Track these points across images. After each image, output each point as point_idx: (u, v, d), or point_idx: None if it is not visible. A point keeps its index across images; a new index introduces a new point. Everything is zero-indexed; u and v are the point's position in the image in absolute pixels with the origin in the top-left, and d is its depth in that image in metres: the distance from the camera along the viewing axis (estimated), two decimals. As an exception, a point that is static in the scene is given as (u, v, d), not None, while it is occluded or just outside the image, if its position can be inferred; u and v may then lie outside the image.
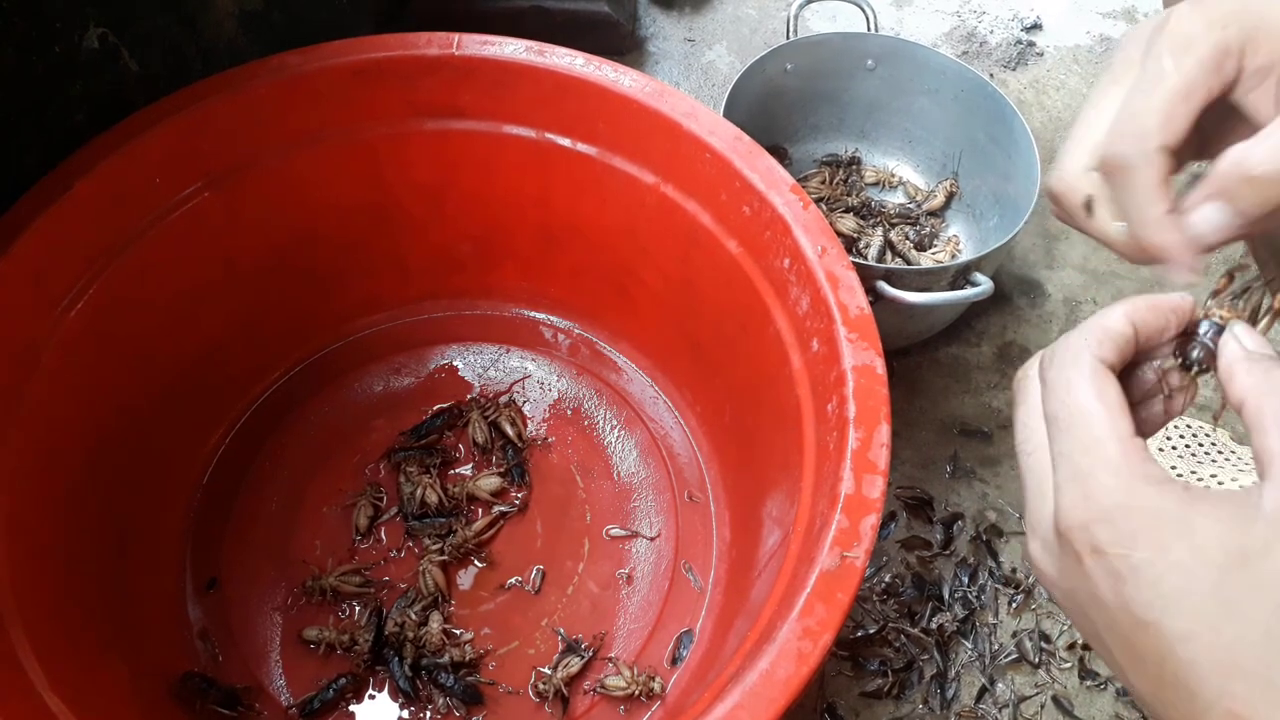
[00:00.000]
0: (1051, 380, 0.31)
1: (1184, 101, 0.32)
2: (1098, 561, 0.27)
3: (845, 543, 0.47)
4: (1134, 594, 0.26)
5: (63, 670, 0.51)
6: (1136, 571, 0.26)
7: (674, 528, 0.74)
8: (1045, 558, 0.30)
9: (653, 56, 1.12)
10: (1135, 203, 0.33)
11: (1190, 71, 0.32)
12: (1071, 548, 0.28)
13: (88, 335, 0.62)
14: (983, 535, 0.78)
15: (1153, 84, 0.32)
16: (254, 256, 0.73)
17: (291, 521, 0.73)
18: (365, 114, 0.70)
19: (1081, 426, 0.29)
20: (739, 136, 0.64)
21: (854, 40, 0.92)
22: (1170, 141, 0.32)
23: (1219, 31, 0.31)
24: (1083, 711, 0.70)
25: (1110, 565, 0.27)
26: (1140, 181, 0.33)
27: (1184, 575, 0.26)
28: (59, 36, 0.60)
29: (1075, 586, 0.29)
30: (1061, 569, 0.29)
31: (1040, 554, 0.30)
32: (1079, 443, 0.29)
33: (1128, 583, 0.27)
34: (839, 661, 0.71)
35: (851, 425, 0.52)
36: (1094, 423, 0.29)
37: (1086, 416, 0.29)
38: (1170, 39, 0.32)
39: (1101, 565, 0.27)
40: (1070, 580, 0.29)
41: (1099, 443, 0.28)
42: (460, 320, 0.84)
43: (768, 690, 0.43)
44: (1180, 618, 0.25)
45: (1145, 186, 0.33)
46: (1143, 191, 0.33)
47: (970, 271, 0.75)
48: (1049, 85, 1.12)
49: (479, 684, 0.66)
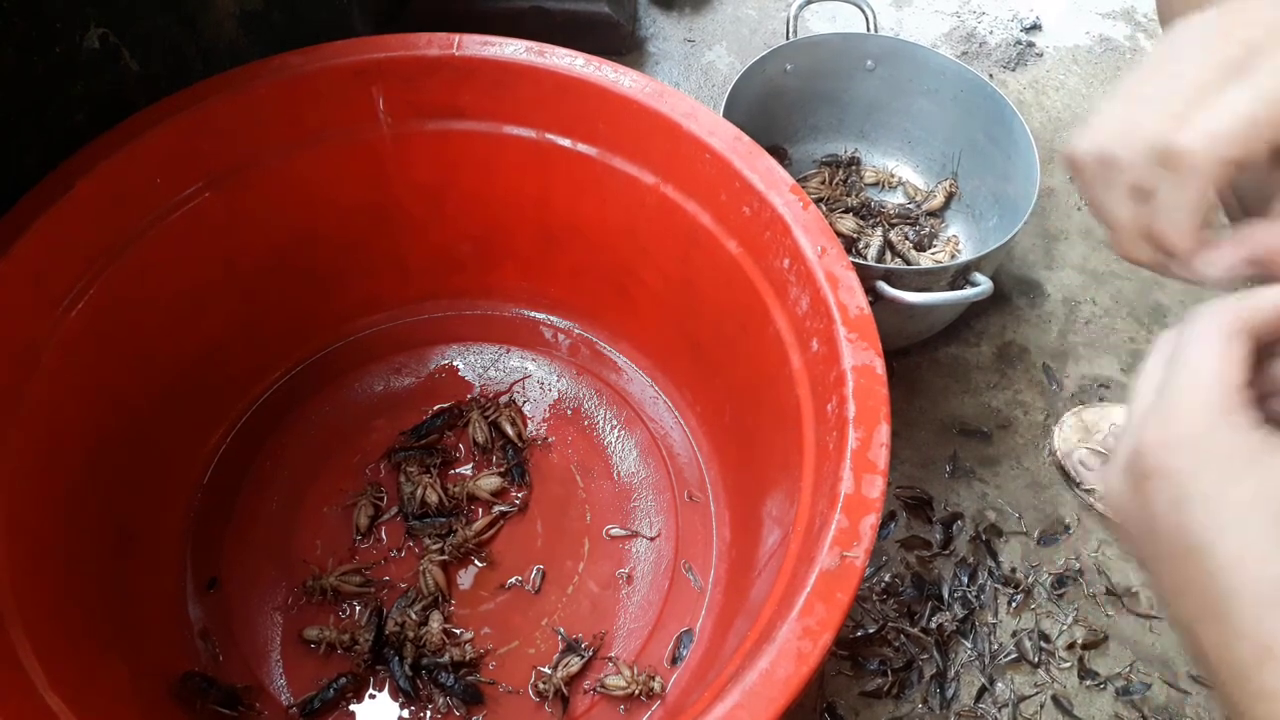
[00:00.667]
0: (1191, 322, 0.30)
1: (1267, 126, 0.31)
2: (1162, 482, 0.28)
3: (845, 542, 0.48)
4: (1193, 517, 0.27)
5: (63, 670, 0.51)
6: (1201, 496, 0.27)
7: (674, 527, 0.74)
8: (1118, 477, 0.30)
9: (653, 57, 1.12)
10: (1182, 202, 0.32)
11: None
12: (1142, 465, 0.29)
13: (88, 335, 0.62)
14: (982, 535, 0.78)
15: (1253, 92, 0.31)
16: (254, 256, 0.73)
17: (292, 521, 0.73)
18: (366, 114, 0.70)
19: (1195, 362, 0.29)
20: (739, 137, 0.64)
21: (854, 41, 0.92)
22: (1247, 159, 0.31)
23: None
24: (1082, 711, 0.70)
25: (1174, 487, 0.28)
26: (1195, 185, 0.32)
27: (1244, 508, 0.26)
28: (59, 37, 0.60)
29: (1137, 509, 0.29)
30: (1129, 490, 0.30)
31: (1116, 474, 0.31)
32: (1185, 377, 0.29)
33: (1188, 507, 0.27)
34: (839, 661, 0.71)
35: (851, 425, 0.52)
36: (1207, 364, 0.29)
37: (1203, 357, 0.29)
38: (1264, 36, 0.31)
39: (1165, 486, 0.28)
40: (1134, 502, 0.29)
41: (1203, 381, 0.28)
42: (460, 320, 0.84)
43: (768, 690, 0.43)
44: (1231, 544, 0.26)
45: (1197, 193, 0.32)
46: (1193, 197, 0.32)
47: (970, 272, 0.75)
48: (1048, 86, 1.12)
49: (479, 683, 0.66)
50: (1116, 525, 0.31)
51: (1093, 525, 0.79)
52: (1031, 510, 0.80)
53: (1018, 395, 0.87)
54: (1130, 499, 0.30)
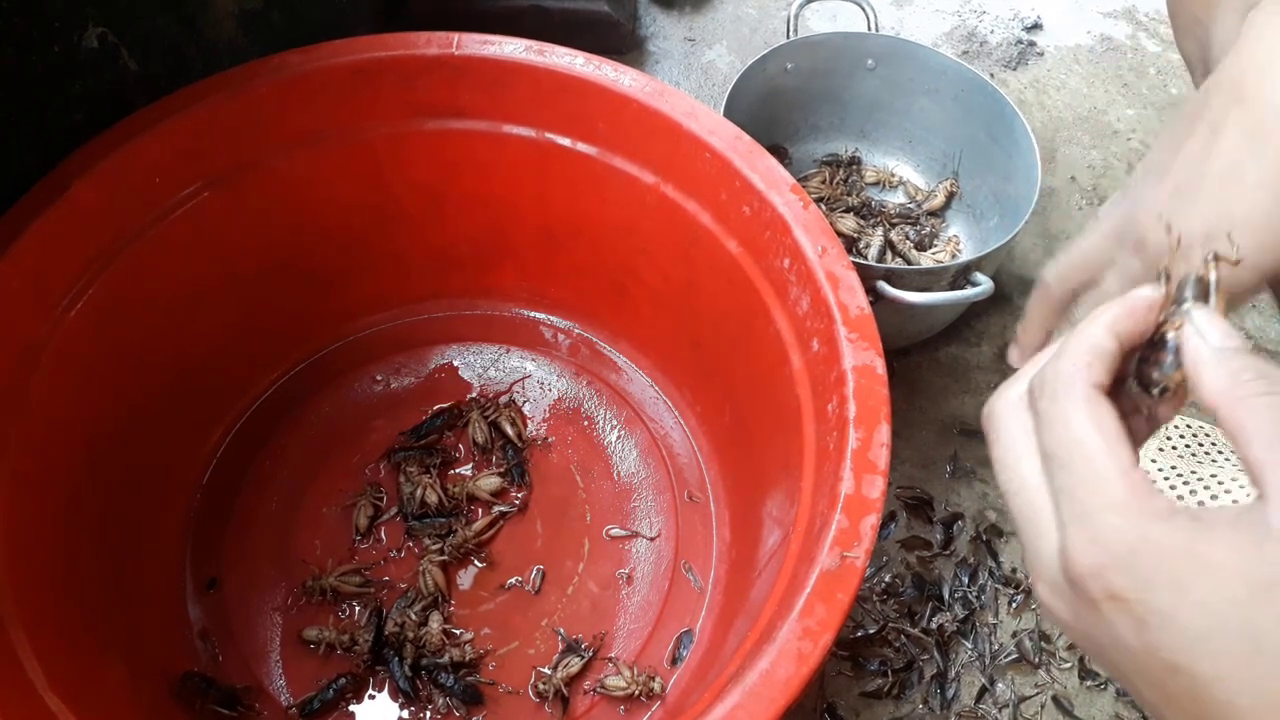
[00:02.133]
0: (1045, 413, 0.29)
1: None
2: (1116, 607, 0.26)
3: (845, 543, 0.47)
4: (1159, 638, 0.25)
5: (63, 670, 0.51)
6: (1159, 615, 0.25)
7: (674, 528, 0.74)
8: (1056, 602, 0.29)
9: (653, 56, 1.12)
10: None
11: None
12: (1086, 594, 0.27)
13: (88, 335, 0.62)
14: (983, 535, 0.78)
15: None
16: (254, 256, 0.73)
17: (291, 521, 0.73)
18: (365, 114, 0.70)
19: (1082, 462, 0.28)
20: (739, 136, 0.64)
21: (854, 40, 0.92)
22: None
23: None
24: (1083, 711, 0.70)
25: (1131, 611, 0.26)
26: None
27: (1208, 615, 0.25)
28: (58, 36, 0.60)
29: (1093, 631, 0.28)
30: (1077, 614, 0.28)
31: (1050, 598, 0.29)
32: (1081, 480, 0.27)
33: (1151, 628, 0.25)
34: (839, 661, 0.71)
35: (851, 425, 0.52)
36: (1095, 457, 0.27)
37: (1086, 451, 0.28)
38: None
39: (1121, 611, 0.26)
40: (1087, 625, 0.28)
41: (1103, 480, 0.27)
42: (460, 320, 0.84)
43: (768, 690, 0.43)
44: (1211, 659, 0.24)
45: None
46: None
47: (970, 271, 0.75)
48: (1049, 85, 1.12)
49: (479, 684, 0.66)
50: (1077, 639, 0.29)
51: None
52: (1032, 510, 0.80)
53: (1018, 395, 0.87)
54: (1082, 623, 0.28)
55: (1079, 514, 0.27)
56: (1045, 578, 0.29)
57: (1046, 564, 0.29)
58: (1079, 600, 0.27)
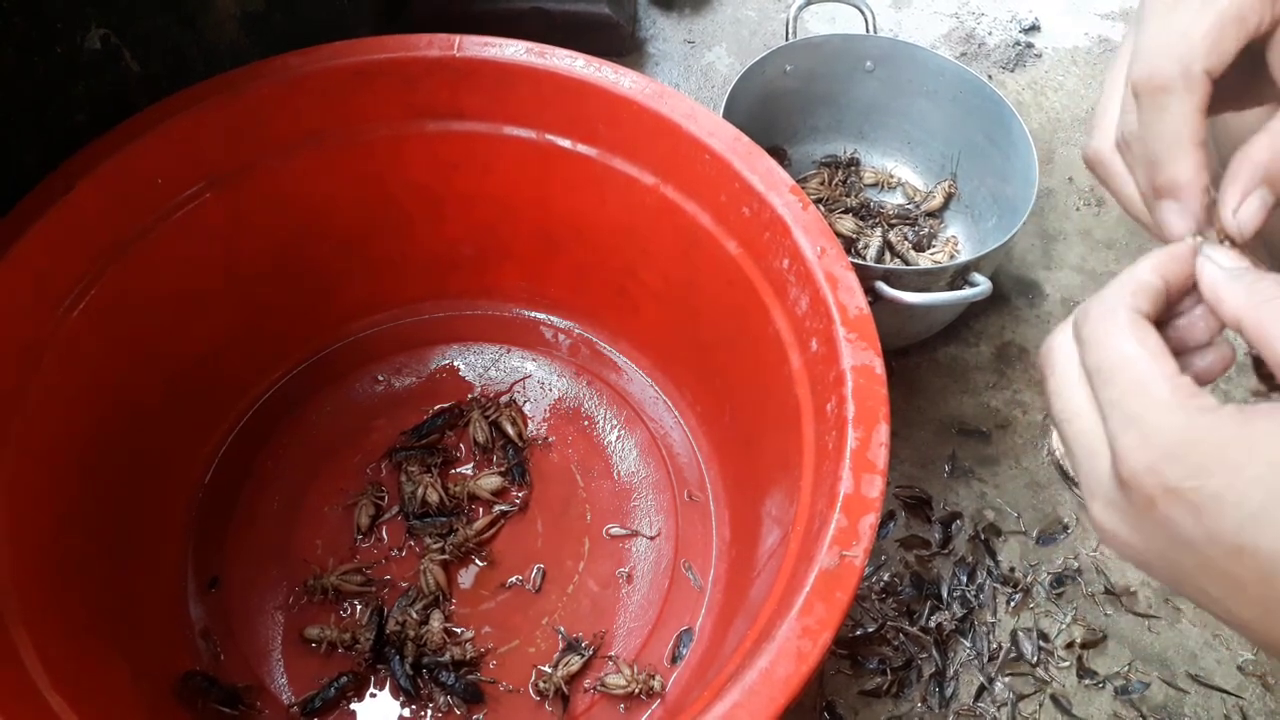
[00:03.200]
0: (1088, 335, 0.30)
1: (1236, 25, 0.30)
2: (1173, 500, 0.26)
3: (844, 542, 0.48)
4: (1219, 524, 0.26)
5: (65, 670, 0.52)
6: (1216, 499, 0.26)
7: (674, 527, 0.74)
8: (1112, 515, 0.29)
9: (652, 58, 1.12)
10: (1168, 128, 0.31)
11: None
12: (1141, 494, 0.27)
13: (89, 335, 0.62)
14: (981, 534, 0.78)
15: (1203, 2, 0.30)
16: (255, 256, 0.73)
17: (293, 521, 0.73)
18: (366, 115, 0.70)
19: (1126, 372, 0.28)
20: (738, 137, 0.65)
21: (853, 42, 0.92)
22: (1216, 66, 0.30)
23: None
24: (1081, 710, 0.71)
25: (1187, 500, 0.26)
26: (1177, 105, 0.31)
27: (1264, 488, 0.25)
28: (60, 37, 0.60)
29: (1153, 537, 0.28)
30: (1134, 522, 0.28)
31: (1106, 513, 0.29)
32: (1127, 389, 0.28)
33: (1210, 514, 0.26)
34: (838, 660, 0.72)
35: (850, 425, 0.52)
36: (1139, 366, 0.28)
37: (1130, 361, 0.28)
38: None
39: (1178, 503, 0.26)
40: (1147, 531, 0.28)
41: (1147, 385, 0.27)
42: (460, 320, 0.84)
43: (767, 689, 0.44)
44: (1274, 530, 0.25)
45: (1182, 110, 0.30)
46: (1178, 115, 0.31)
47: (969, 272, 0.76)
48: (1047, 86, 1.13)
49: (480, 682, 0.66)
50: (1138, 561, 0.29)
51: (1091, 525, 0.80)
52: (1030, 510, 0.80)
53: (1016, 395, 0.87)
54: (1140, 531, 0.28)
55: (1127, 418, 0.27)
56: (1101, 495, 0.29)
57: (1101, 480, 0.29)
58: (1135, 506, 0.27)
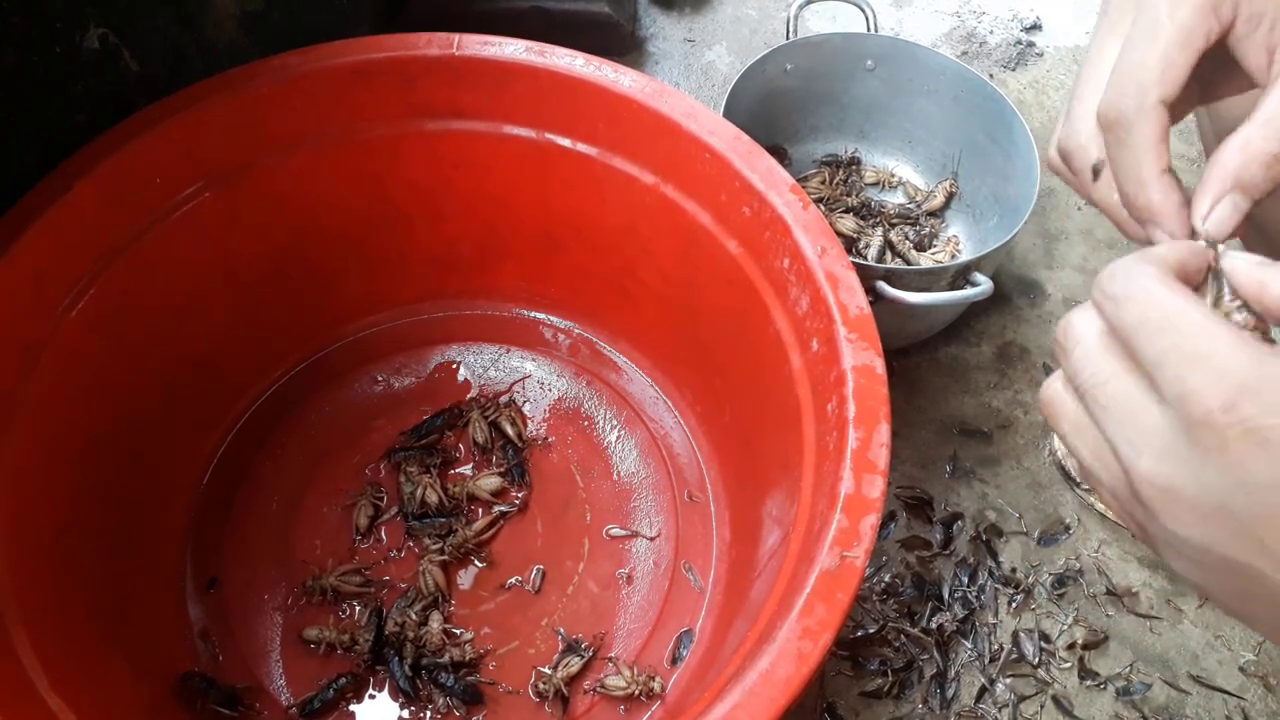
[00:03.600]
0: (1122, 293, 0.28)
1: (1181, 50, 0.31)
2: (1251, 440, 0.25)
3: (845, 542, 0.48)
4: None
5: (64, 670, 0.52)
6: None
7: (674, 527, 0.74)
8: (1168, 466, 0.27)
9: (652, 57, 1.12)
10: (1132, 159, 0.32)
11: (1186, 19, 0.31)
12: (1215, 434, 0.25)
13: (88, 335, 0.62)
14: (982, 535, 0.78)
15: (1149, 34, 0.32)
16: (254, 256, 0.73)
17: (292, 521, 0.73)
18: (365, 114, 0.70)
19: (1182, 316, 0.27)
20: (739, 137, 0.64)
21: (854, 41, 0.92)
22: (1169, 94, 0.32)
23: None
24: (1082, 711, 0.70)
25: (1267, 438, 0.25)
26: (1138, 138, 0.32)
27: None
28: (59, 36, 0.60)
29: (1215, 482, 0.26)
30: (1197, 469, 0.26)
31: (1160, 465, 0.27)
32: (1187, 332, 0.26)
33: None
34: (839, 661, 0.71)
35: (851, 425, 0.52)
36: (1192, 311, 0.27)
37: (1182, 308, 0.27)
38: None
39: (1256, 444, 0.25)
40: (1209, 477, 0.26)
41: (1207, 326, 0.26)
42: (460, 320, 0.84)
43: (768, 690, 0.43)
44: None
45: (1143, 143, 0.32)
46: (1140, 148, 0.32)
47: (970, 272, 0.75)
48: (1049, 85, 1.12)
49: (479, 684, 0.66)
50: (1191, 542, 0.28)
51: (1093, 525, 0.79)
52: (1031, 510, 0.80)
53: (1018, 395, 0.87)
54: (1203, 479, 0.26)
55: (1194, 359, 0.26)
56: (1152, 448, 0.27)
57: (1152, 434, 0.27)
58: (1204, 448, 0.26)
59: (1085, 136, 0.36)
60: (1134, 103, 0.32)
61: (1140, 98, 0.32)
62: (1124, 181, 0.33)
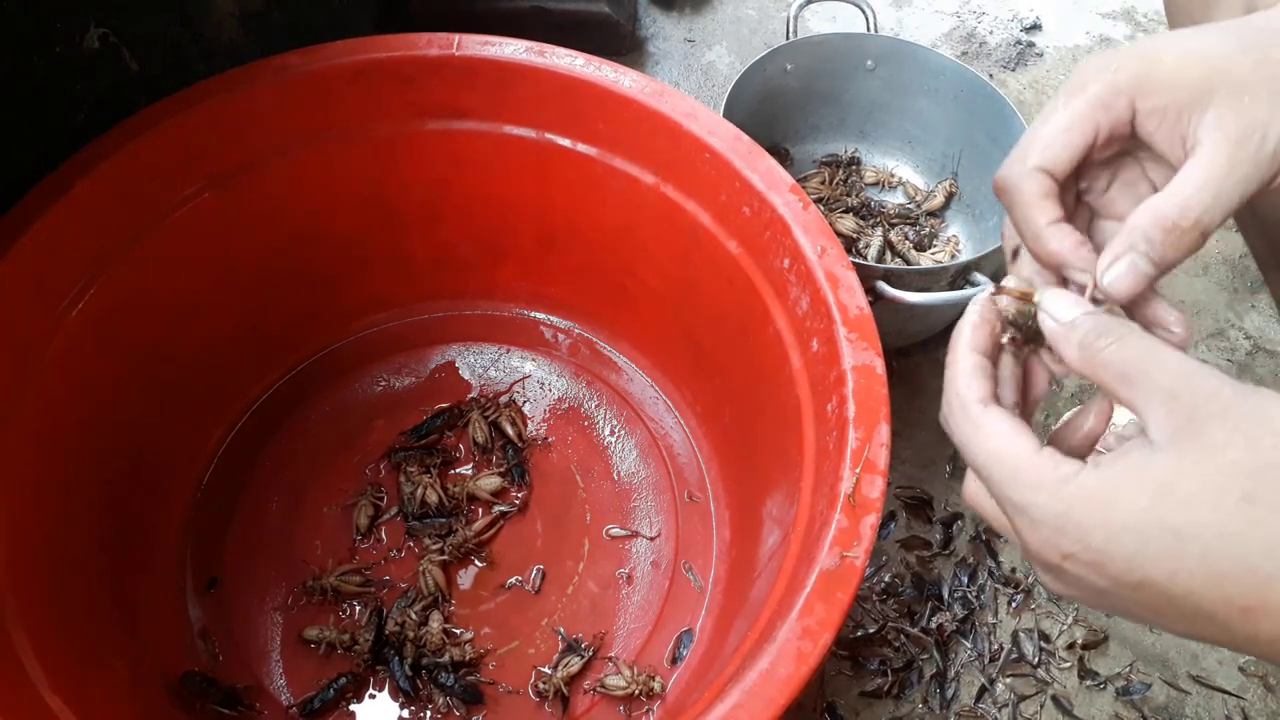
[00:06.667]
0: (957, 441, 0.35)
1: (1066, 132, 0.36)
2: (1074, 563, 0.30)
3: (845, 542, 0.48)
4: (1115, 568, 0.29)
5: (63, 670, 0.51)
6: (1102, 552, 0.30)
7: (674, 527, 0.74)
8: (1047, 579, 0.33)
9: (653, 57, 1.12)
10: (1022, 216, 0.38)
11: (1076, 108, 0.36)
12: (1051, 565, 0.31)
13: (88, 335, 0.62)
14: (982, 535, 0.78)
15: (1044, 118, 0.37)
16: (254, 256, 0.73)
17: (292, 521, 0.73)
18: (365, 115, 0.70)
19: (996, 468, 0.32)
20: (739, 137, 0.64)
21: (854, 41, 0.92)
22: (1046, 163, 0.37)
23: (1109, 75, 0.36)
24: (1082, 711, 0.70)
25: (1083, 560, 0.30)
26: (1021, 198, 0.37)
27: (1133, 531, 0.29)
28: (59, 36, 0.60)
29: (1073, 589, 0.32)
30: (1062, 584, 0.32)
31: (1041, 576, 0.34)
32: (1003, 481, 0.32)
33: (1105, 565, 0.30)
34: (839, 661, 0.71)
35: (851, 425, 0.52)
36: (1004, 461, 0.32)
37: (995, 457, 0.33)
38: (1069, 82, 0.37)
39: (1078, 564, 0.30)
40: (1071, 586, 0.32)
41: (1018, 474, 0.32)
42: (460, 320, 0.84)
43: (767, 689, 0.43)
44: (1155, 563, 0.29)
45: (1027, 200, 0.37)
46: (1025, 205, 0.37)
47: (970, 271, 0.75)
48: (1048, 86, 1.12)
49: (479, 683, 0.66)
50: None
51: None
52: (1031, 510, 0.80)
53: (1018, 395, 0.87)
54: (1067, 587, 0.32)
55: (1014, 508, 0.32)
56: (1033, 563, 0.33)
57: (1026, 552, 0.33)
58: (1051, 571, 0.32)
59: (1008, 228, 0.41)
60: (1017, 170, 0.38)
61: (1022, 165, 0.37)
62: (1025, 238, 0.39)
